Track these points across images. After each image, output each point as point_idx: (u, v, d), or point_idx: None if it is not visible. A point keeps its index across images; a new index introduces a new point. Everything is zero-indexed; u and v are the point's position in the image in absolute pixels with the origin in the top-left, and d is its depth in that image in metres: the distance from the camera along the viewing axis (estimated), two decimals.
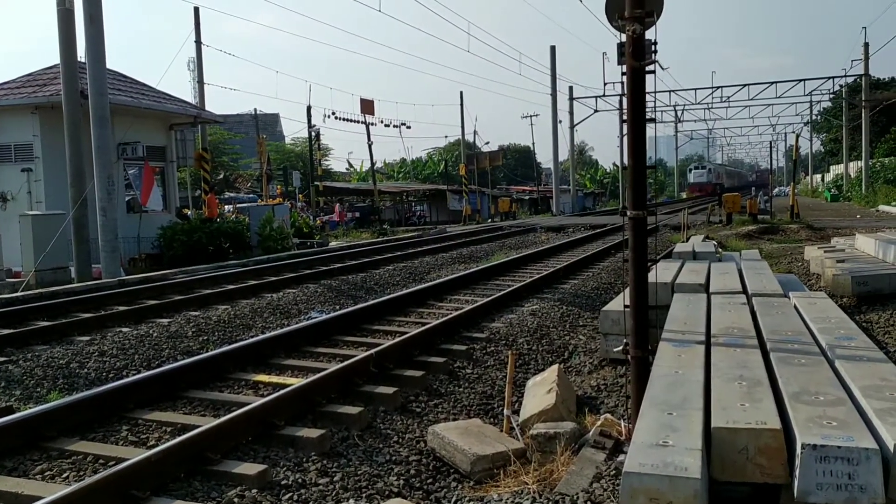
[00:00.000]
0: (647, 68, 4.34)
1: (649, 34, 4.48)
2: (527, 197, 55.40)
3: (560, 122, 43.89)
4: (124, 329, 8.64)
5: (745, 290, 6.58)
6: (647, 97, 4.43)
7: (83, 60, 14.27)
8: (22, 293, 11.32)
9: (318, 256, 16.83)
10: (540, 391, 5.63)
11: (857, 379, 3.52)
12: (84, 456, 4.49)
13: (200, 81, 25.88)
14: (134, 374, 6.75)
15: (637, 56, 4.28)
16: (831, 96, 51.14)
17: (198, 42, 25.53)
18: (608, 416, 5.06)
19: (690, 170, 73.12)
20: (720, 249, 12.89)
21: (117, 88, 17.21)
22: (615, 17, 5.14)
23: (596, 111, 46.62)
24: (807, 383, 3.48)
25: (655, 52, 4.47)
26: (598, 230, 24.72)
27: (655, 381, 3.68)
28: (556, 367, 6.11)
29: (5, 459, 4.43)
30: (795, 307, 5.59)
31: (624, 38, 4.91)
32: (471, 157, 44.30)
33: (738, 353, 4.14)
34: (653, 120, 4.59)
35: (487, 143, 70.31)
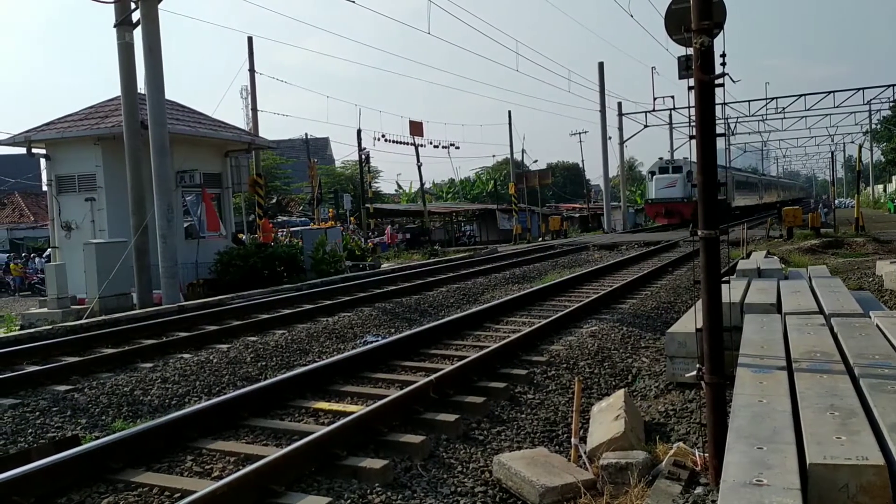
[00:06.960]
0: (717, 81, 4.16)
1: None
2: (577, 215, 54.87)
3: (609, 138, 43.39)
4: (185, 355, 8.73)
5: (821, 310, 6.26)
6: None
7: (142, 92, 14.68)
8: (86, 320, 11.59)
9: (370, 279, 16.86)
10: (607, 418, 5.43)
11: None
12: (150, 488, 4.47)
13: (254, 109, 26.43)
14: (196, 401, 6.80)
15: (706, 69, 4.11)
16: (891, 105, 49.55)
17: (251, 70, 26.08)
18: (681, 444, 4.84)
19: (651, 174, 42.13)
20: (785, 266, 12.44)
21: (175, 118, 17.63)
22: (679, 31, 4.97)
23: (646, 126, 46.10)
24: None
25: (724, 63, 4.28)
26: (653, 247, 24.23)
27: (739, 410, 3.47)
28: (622, 392, 5.91)
29: (73, 492, 4.44)
30: (879, 328, 5.27)
31: (685, 51, 4.73)
32: (520, 176, 44.03)
33: (824, 380, 3.89)
34: (723, 134, 4.41)
35: (535, 161, 69.91)
